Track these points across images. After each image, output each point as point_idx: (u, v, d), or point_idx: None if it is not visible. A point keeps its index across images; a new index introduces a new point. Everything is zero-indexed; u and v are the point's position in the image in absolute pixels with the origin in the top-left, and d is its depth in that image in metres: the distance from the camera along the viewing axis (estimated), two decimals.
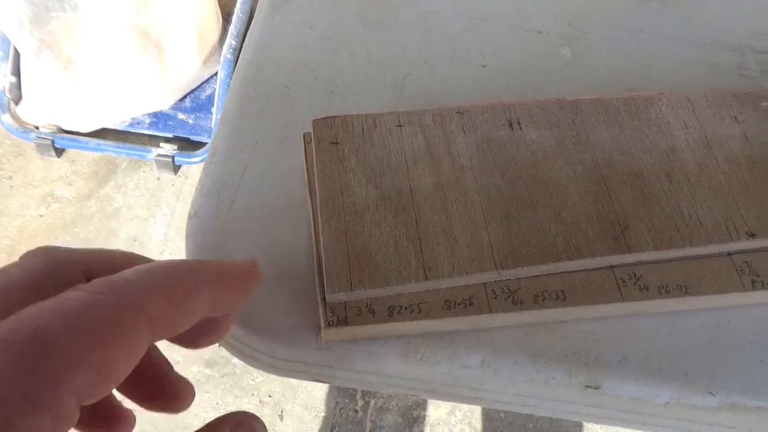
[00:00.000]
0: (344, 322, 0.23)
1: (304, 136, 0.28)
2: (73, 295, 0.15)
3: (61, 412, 0.14)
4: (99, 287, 0.15)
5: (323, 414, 0.98)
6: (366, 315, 0.24)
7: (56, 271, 0.18)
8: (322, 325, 0.23)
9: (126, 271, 0.17)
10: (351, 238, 0.24)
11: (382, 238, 0.24)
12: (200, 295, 0.17)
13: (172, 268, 0.17)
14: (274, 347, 0.26)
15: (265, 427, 0.19)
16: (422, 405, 0.98)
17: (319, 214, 0.25)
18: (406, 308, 0.24)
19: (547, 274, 0.25)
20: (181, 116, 1.16)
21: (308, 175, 0.27)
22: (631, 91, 0.34)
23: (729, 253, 0.26)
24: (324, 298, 0.24)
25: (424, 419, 0.98)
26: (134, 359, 0.15)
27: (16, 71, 1.11)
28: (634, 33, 0.36)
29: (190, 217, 0.29)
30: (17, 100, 1.13)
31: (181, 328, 0.17)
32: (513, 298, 0.24)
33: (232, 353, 0.27)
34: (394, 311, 0.24)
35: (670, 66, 0.35)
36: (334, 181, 0.26)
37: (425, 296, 0.24)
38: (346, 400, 0.99)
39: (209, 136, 1.14)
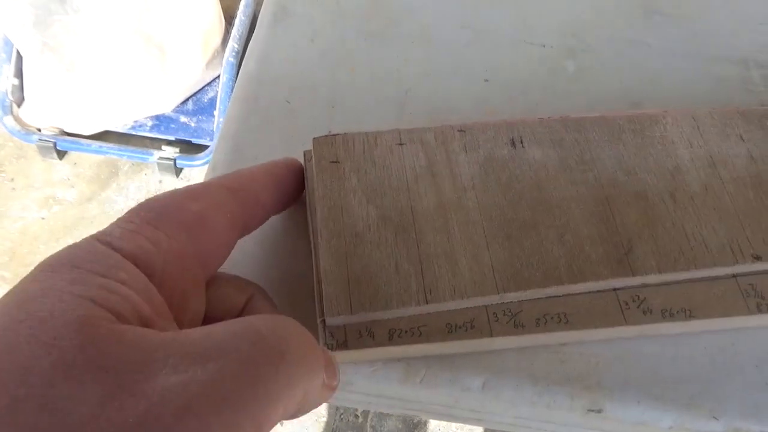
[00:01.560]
0: (344, 345, 0.23)
1: (304, 153, 0.28)
2: None
3: None
4: None
5: (324, 419, 0.98)
6: (366, 338, 0.23)
7: None
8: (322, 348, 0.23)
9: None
10: (351, 260, 0.24)
11: (383, 260, 0.24)
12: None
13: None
14: None
15: None
16: None
17: (319, 235, 0.25)
18: (406, 331, 0.24)
19: (549, 297, 0.25)
20: (183, 119, 1.15)
21: (308, 193, 0.27)
22: (636, 105, 0.33)
23: (734, 276, 0.26)
24: (324, 321, 0.23)
25: (425, 425, 0.98)
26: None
27: (19, 73, 1.11)
28: (638, 46, 0.36)
29: None
30: (19, 102, 1.13)
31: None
32: (515, 322, 0.24)
33: None
34: (394, 334, 0.23)
35: (675, 80, 0.35)
36: (334, 201, 0.25)
37: (426, 319, 0.24)
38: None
39: (211, 139, 1.14)
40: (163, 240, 0.18)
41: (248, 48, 0.35)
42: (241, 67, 0.34)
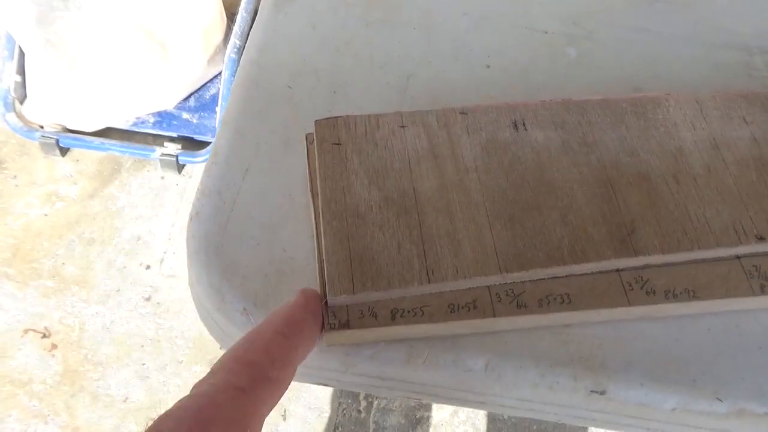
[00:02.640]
0: (346, 325, 0.23)
1: (306, 136, 0.28)
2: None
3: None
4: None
5: (327, 414, 0.98)
6: (368, 318, 0.23)
7: None
8: (324, 328, 0.23)
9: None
10: (353, 241, 0.24)
11: (385, 241, 0.24)
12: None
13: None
14: None
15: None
16: (425, 406, 0.98)
17: (321, 216, 0.25)
18: (408, 311, 0.23)
19: (552, 278, 0.25)
20: (185, 116, 1.15)
21: (310, 176, 0.27)
22: (638, 91, 0.33)
23: (737, 257, 0.26)
24: (326, 301, 0.23)
25: (428, 420, 0.98)
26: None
27: (21, 70, 1.12)
28: (640, 32, 0.36)
29: (191, 218, 0.28)
30: (22, 99, 1.13)
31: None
32: (517, 302, 0.24)
33: None
34: (396, 314, 0.23)
35: (677, 66, 0.35)
36: (336, 183, 0.25)
37: (428, 299, 0.24)
38: (350, 401, 0.99)
39: (213, 136, 1.14)
40: None
41: (250, 35, 0.35)
42: (243, 53, 0.34)
